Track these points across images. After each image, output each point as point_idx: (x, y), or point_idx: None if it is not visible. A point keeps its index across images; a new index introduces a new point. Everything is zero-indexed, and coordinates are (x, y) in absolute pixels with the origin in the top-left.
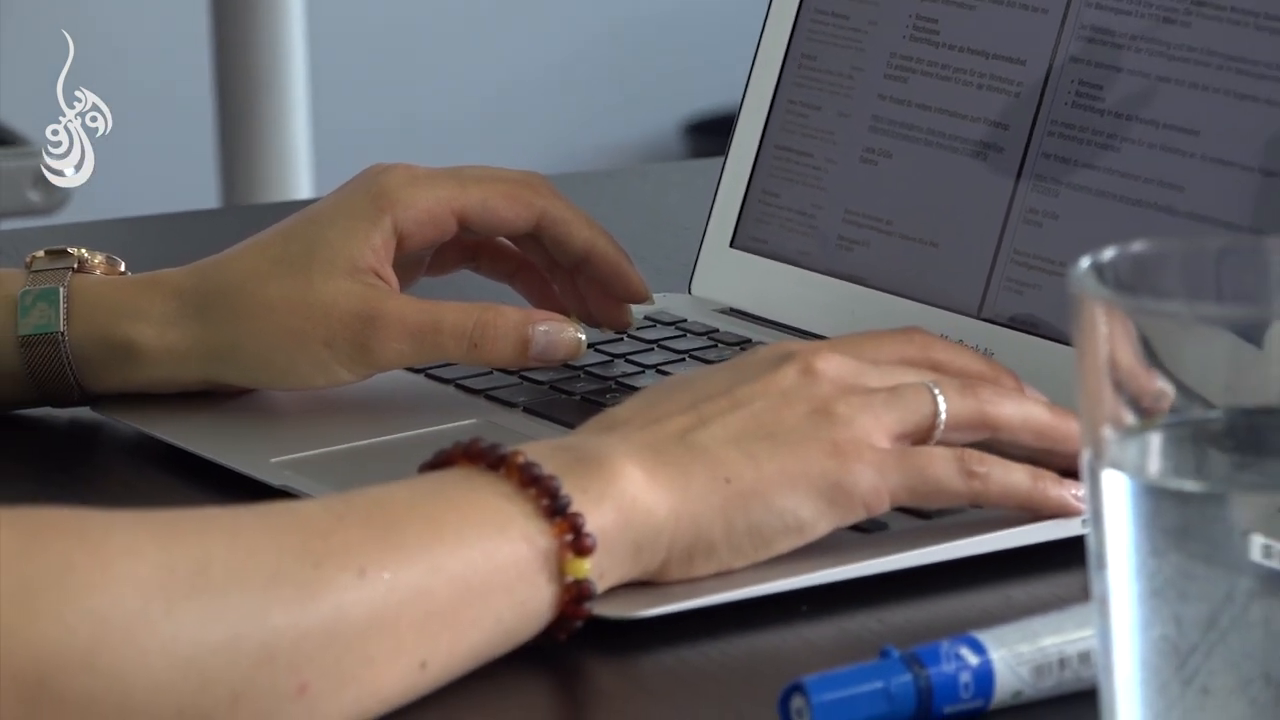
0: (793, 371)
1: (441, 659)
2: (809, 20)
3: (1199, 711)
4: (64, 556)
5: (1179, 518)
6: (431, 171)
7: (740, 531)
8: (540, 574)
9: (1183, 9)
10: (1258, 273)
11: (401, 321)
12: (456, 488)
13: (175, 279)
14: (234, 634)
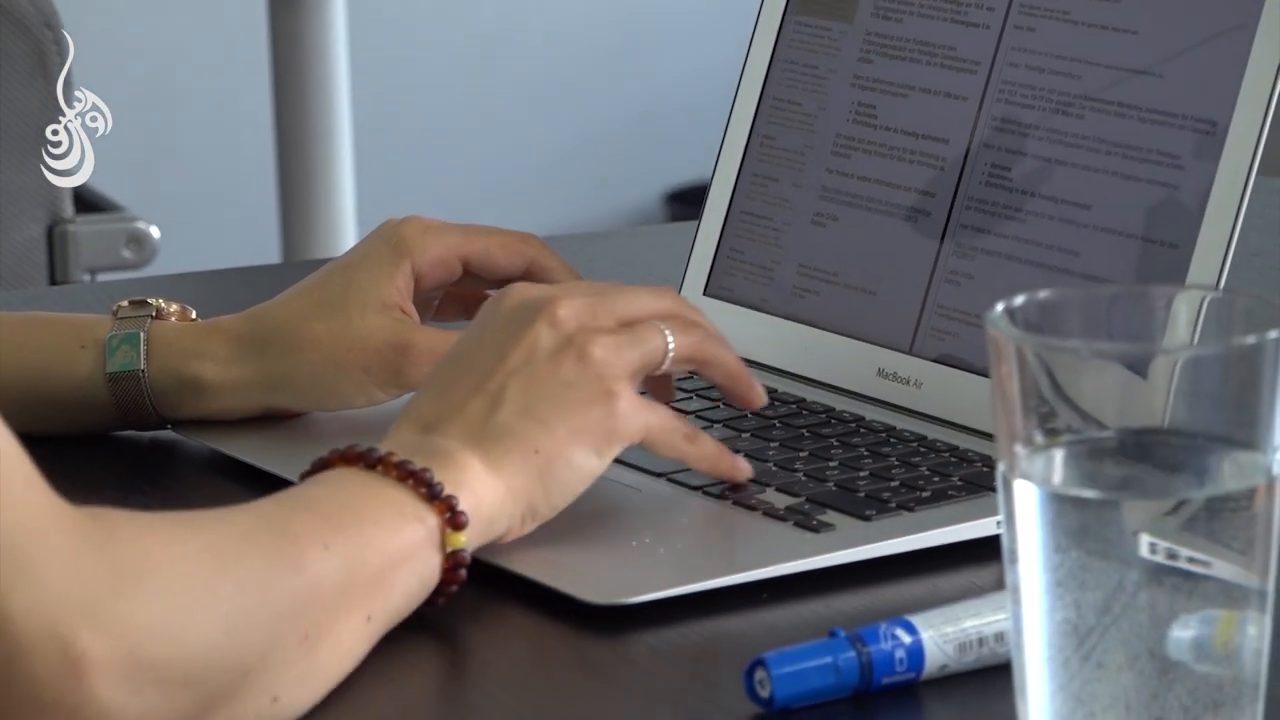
0: (544, 328)
1: (378, 615)
2: (769, 107)
3: (1095, 683)
4: (138, 543)
5: (1078, 520)
6: (441, 223)
7: (554, 491)
8: (431, 546)
9: (1077, 103)
10: (1142, 316)
11: (429, 349)
12: (355, 483)
13: (234, 324)
14: (255, 600)
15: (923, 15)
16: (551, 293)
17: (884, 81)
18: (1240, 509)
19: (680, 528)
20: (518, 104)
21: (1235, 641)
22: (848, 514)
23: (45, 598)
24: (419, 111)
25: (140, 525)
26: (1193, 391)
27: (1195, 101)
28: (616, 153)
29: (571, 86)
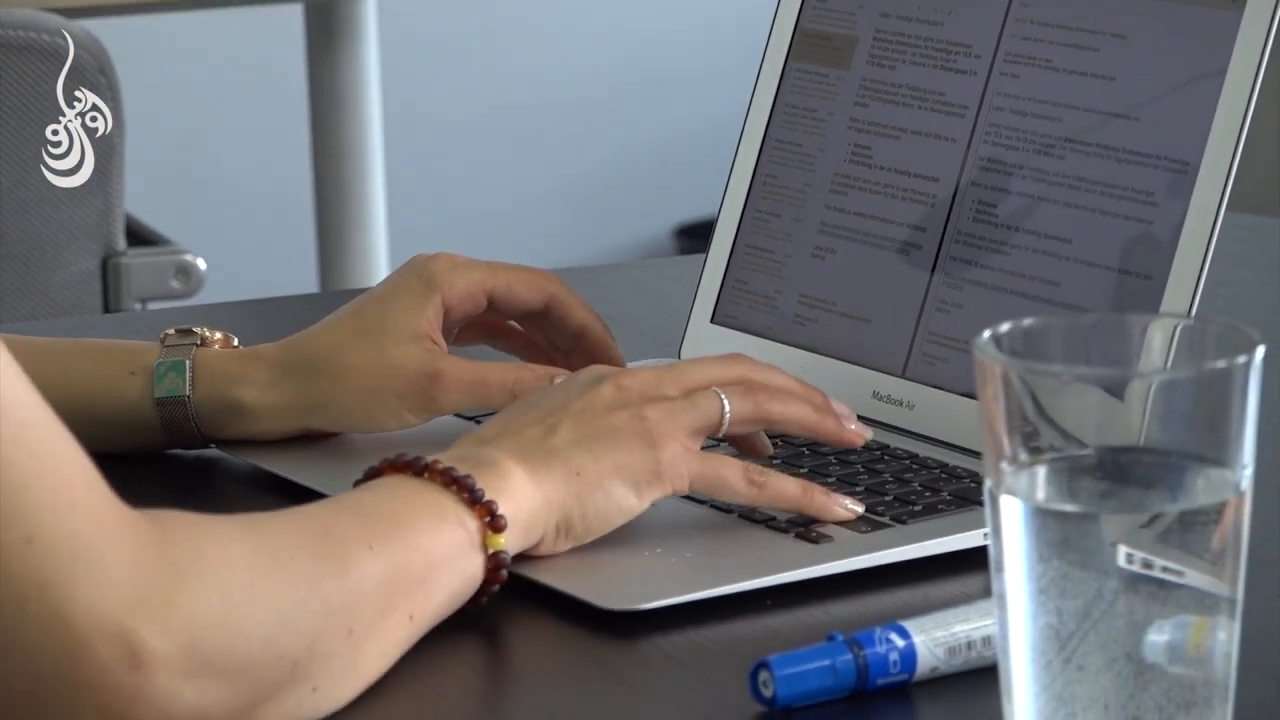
0: (609, 388)
1: (420, 613)
2: (771, 147)
3: (1076, 684)
4: (192, 543)
5: (1060, 532)
6: (468, 260)
7: (589, 514)
8: (472, 548)
9: (1058, 144)
10: (1119, 343)
11: (458, 378)
12: (401, 489)
13: (274, 351)
14: (303, 596)
15: (914, 63)
16: (622, 370)
17: (878, 124)
18: (1211, 522)
19: (690, 539)
20: (538, 143)
21: (1207, 645)
22: (845, 526)
23: (108, 594)
24: (445, 150)
25: (196, 526)
26: (1166, 412)
27: (1168, 143)
28: (629, 190)
29: (588, 128)
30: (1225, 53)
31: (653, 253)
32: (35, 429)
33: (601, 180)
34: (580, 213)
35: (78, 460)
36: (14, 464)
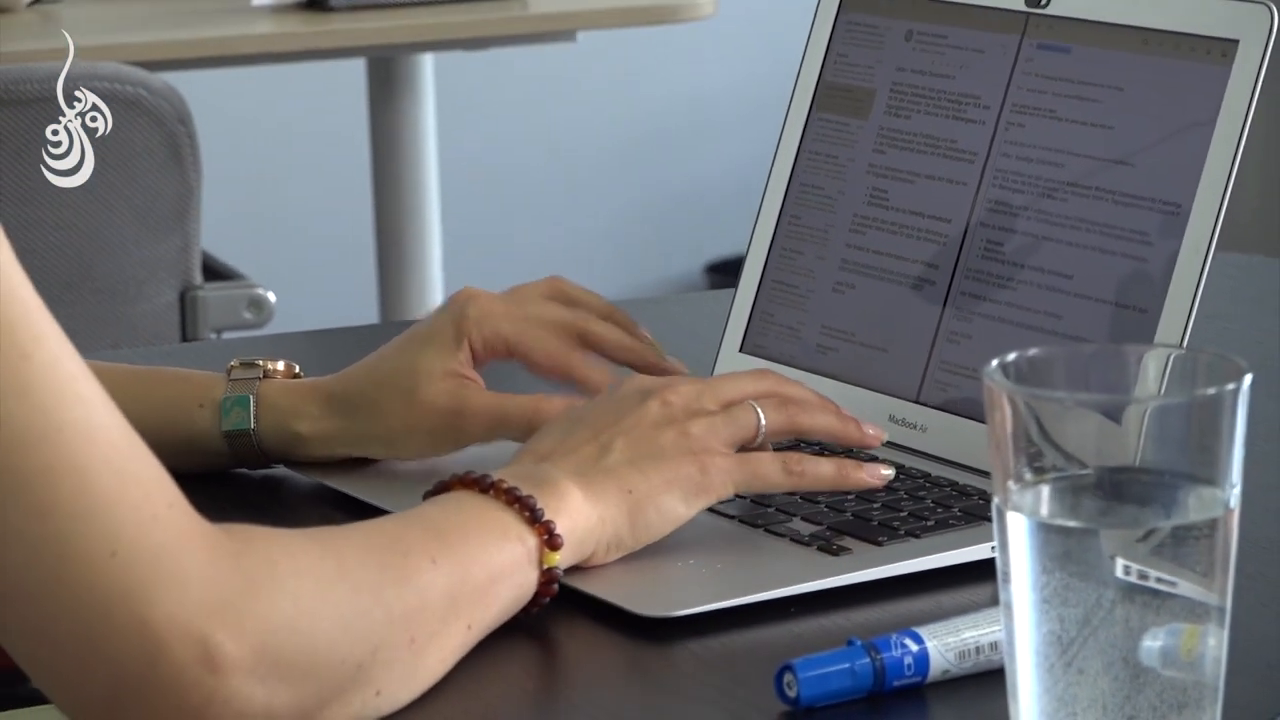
0: (655, 405)
1: (478, 623)
2: (796, 190)
3: (1077, 686)
4: (264, 555)
5: (1062, 546)
6: (503, 309)
7: (639, 527)
8: (530, 564)
9: (1060, 188)
10: (1117, 371)
11: (481, 413)
12: (467, 505)
13: (326, 385)
14: (368, 604)
15: (928, 113)
16: (666, 382)
17: (895, 169)
18: (1202, 537)
19: (719, 552)
20: (581, 187)
21: (1198, 651)
22: (863, 540)
23: (186, 603)
24: (496, 193)
25: (268, 539)
26: (1161, 435)
27: (1162, 187)
28: (665, 230)
29: (627, 173)
30: (1215, 104)
31: (686, 288)
32: (121, 451)
33: (639, 221)
34: (620, 251)
35: (160, 479)
36: (101, 483)
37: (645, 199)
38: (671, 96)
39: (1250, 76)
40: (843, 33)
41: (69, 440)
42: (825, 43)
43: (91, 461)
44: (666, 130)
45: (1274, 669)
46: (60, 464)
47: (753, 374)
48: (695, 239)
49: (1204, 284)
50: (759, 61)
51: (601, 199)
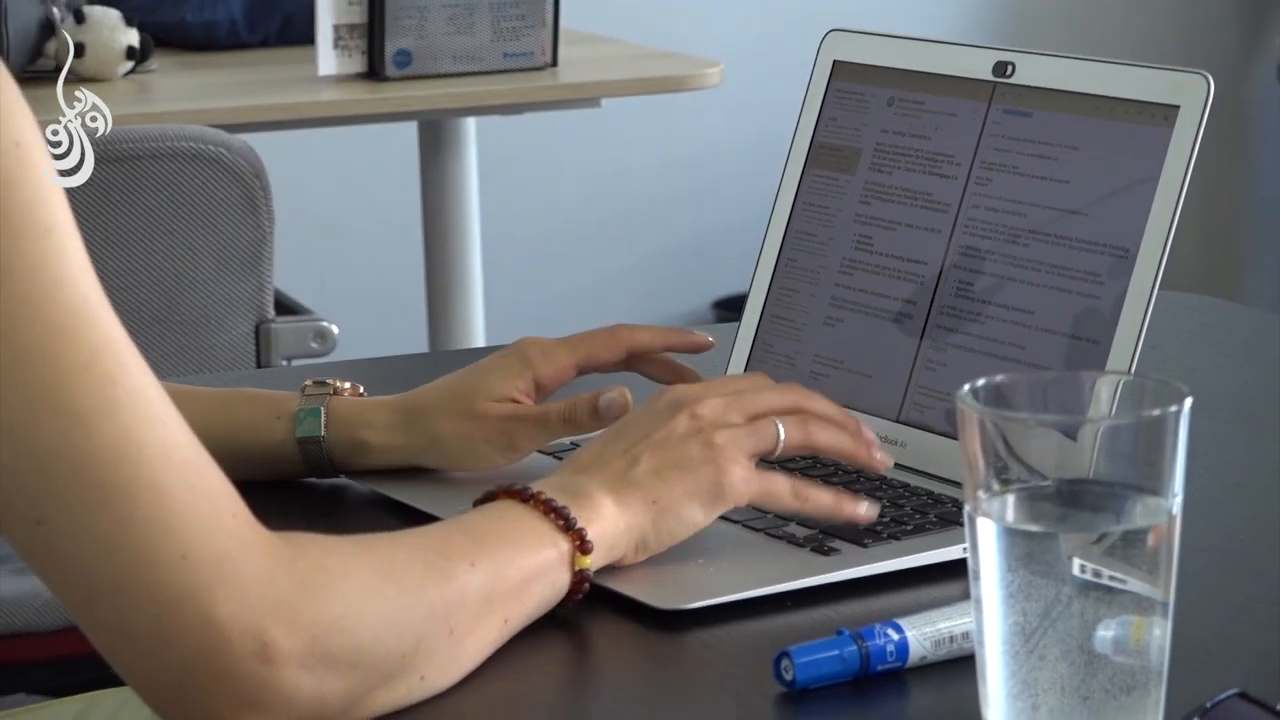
0: (684, 418)
1: (514, 618)
2: (792, 236)
3: (1039, 671)
4: (318, 560)
5: (1025, 548)
6: (555, 341)
7: (663, 532)
8: (563, 566)
9: (1023, 235)
10: (1073, 395)
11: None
12: (509, 513)
13: (393, 401)
14: (413, 601)
15: (908, 169)
16: (697, 393)
17: (878, 218)
18: (1148, 540)
19: (726, 553)
20: (604, 233)
21: (1145, 640)
22: (850, 542)
23: (246, 602)
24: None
25: (322, 545)
26: (1112, 451)
27: (1113, 234)
28: (677, 270)
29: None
30: (1158, 161)
31: (696, 321)
32: (194, 467)
33: (655, 263)
34: (638, 289)
35: (227, 492)
36: (175, 496)
37: (660, 244)
38: (683, 155)
39: (1189, 137)
40: (833, 99)
41: (148, 458)
42: (818, 108)
43: (167, 477)
44: (679, 184)
45: (1212, 656)
46: (139, 479)
47: (780, 388)
48: (704, 279)
49: (1149, 319)
50: (759, 124)
51: (622, 244)
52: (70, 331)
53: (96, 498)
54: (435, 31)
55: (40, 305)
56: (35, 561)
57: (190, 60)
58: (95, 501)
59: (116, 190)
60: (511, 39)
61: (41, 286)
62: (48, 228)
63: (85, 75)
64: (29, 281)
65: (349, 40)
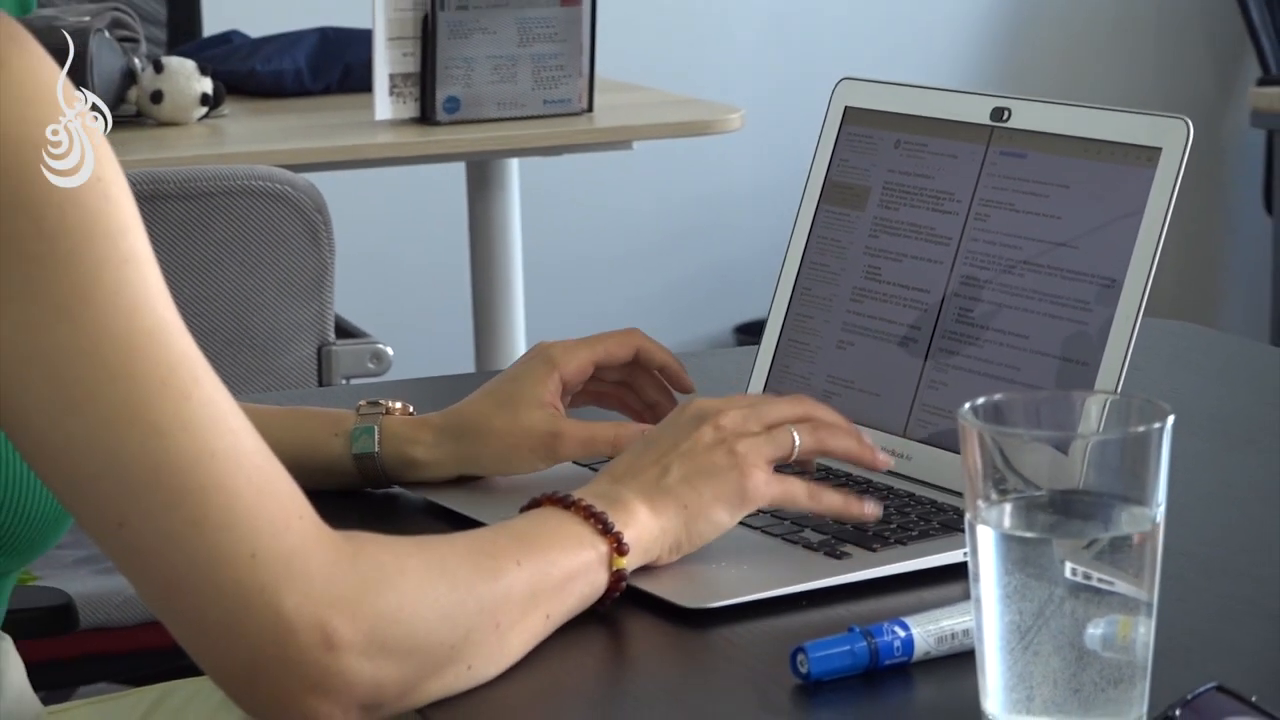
0: (708, 429)
1: (555, 614)
2: (807, 267)
3: (1033, 665)
4: (376, 558)
5: (1021, 553)
6: (574, 341)
7: (694, 535)
8: (601, 567)
9: (1018, 266)
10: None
11: (574, 436)
12: (552, 519)
13: (437, 419)
14: (463, 596)
15: (913, 206)
16: (718, 406)
17: (886, 251)
18: (1134, 545)
19: (746, 556)
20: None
21: (1131, 637)
22: (860, 546)
23: (311, 596)
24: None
25: (380, 544)
26: (1100, 464)
27: (1100, 265)
28: (701, 297)
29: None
30: (1142, 198)
31: (718, 344)
32: (263, 472)
33: (681, 291)
34: (666, 314)
35: (293, 495)
36: (245, 499)
37: (686, 273)
38: (707, 192)
39: (1171, 176)
40: (844, 142)
41: (220, 465)
42: (830, 149)
43: (237, 482)
44: (703, 219)
45: (1191, 652)
46: (212, 483)
47: (792, 400)
48: (726, 305)
49: (1134, 343)
50: (777, 165)
51: (651, 272)
52: (148, 351)
53: (172, 502)
54: (481, 80)
55: (121, 327)
56: (117, 560)
57: (259, 106)
58: (171, 506)
59: (192, 224)
60: (551, 87)
61: (122, 310)
62: (127, 257)
63: (163, 120)
64: (110, 306)
65: (403, 88)
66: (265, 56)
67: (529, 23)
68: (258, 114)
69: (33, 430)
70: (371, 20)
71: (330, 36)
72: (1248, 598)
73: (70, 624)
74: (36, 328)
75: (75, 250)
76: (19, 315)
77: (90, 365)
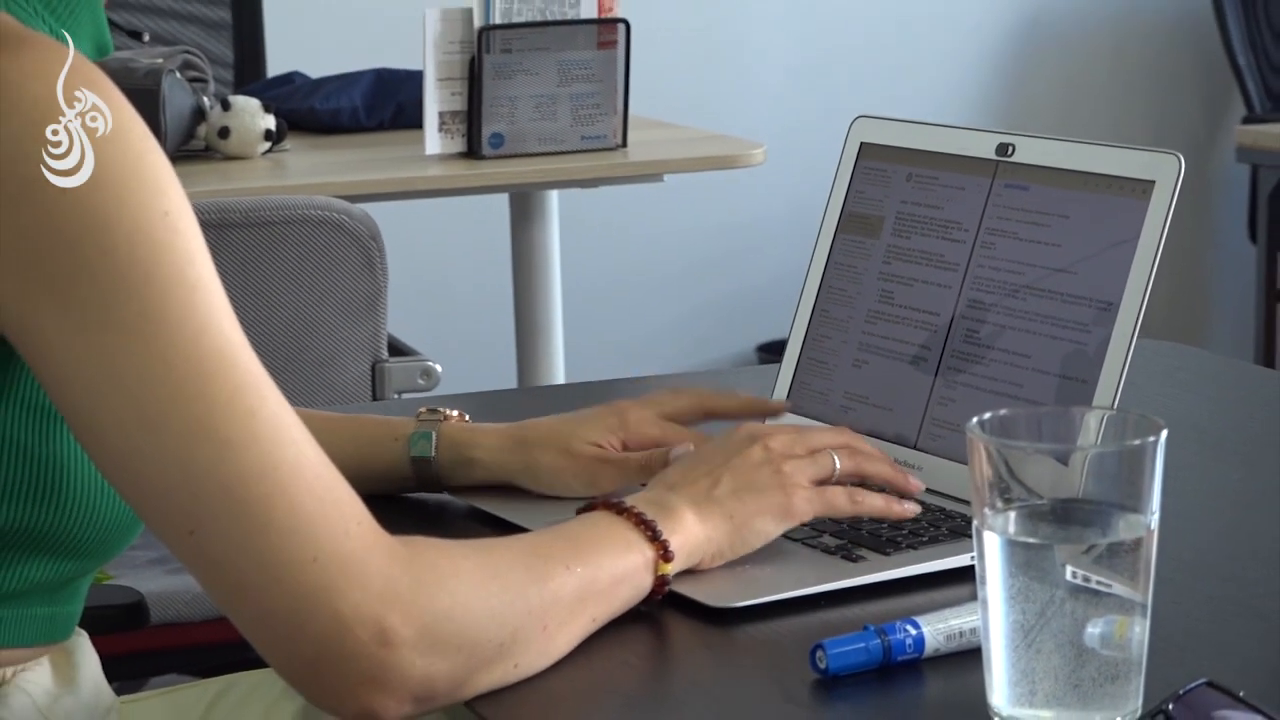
0: (758, 449)
1: (601, 616)
2: (825, 291)
3: (1035, 662)
4: (431, 560)
5: (1024, 557)
6: (651, 417)
7: (737, 544)
8: (647, 571)
9: (1021, 290)
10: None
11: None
12: (604, 523)
13: (502, 429)
14: (513, 598)
15: (924, 234)
16: (769, 430)
17: (898, 276)
18: (1130, 550)
19: (768, 559)
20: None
21: (1127, 636)
22: (874, 550)
23: (369, 596)
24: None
25: (435, 547)
26: (1098, 475)
27: (1098, 289)
28: (727, 318)
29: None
30: (1137, 228)
31: (742, 362)
32: (323, 481)
33: (708, 312)
34: (694, 334)
35: (352, 502)
36: (307, 507)
37: (713, 296)
38: (732, 221)
39: (1164, 208)
40: (860, 174)
41: (283, 476)
42: (847, 182)
43: (299, 491)
44: (728, 246)
45: (1182, 649)
46: (276, 493)
47: (833, 430)
48: (749, 326)
49: (1129, 362)
50: (797, 196)
51: (680, 296)
52: (216, 371)
53: (240, 511)
54: (524, 118)
55: (190, 350)
56: (188, 564)
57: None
58: (239, 515)
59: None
60: (588, 124)
61: (190, 334)
62: (194, 284)
63: (230, 154)
64: (179, 330)
65: (451, 125)
66: (324, 95)
67: (568, 64)
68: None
69: (109, 446)
70: (423, 62)
71: (384, 77)
72: (1236, 599)
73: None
74: (112, 351)
75: (145, 279)
76: (96, 340)
77: (162, 385)
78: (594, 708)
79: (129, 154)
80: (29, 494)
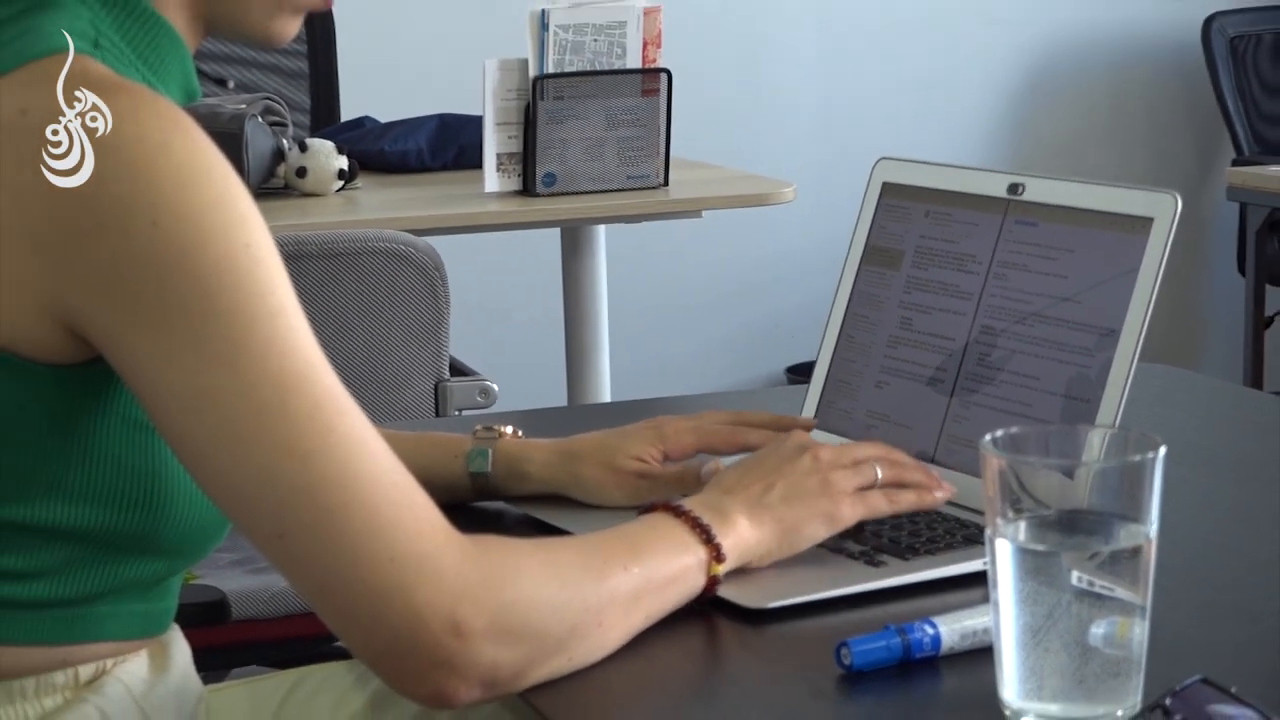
0: (807, 458)
1: (654, 613)
2: (850, 317)
3: (1043, 660)
4: (500, 556)
5: (1034, 563)
6: (686, 429)
7: (785, 546)
8: (700, 571)
9: (1030, 317)
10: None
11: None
12: (661, 525)
13: (552, 444)
14: (572, 594)
15: (940, 266)
16: (817, 442)
17: (917, 305)
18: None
19: (798, 564)
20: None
21: (1128, 636)
22: (895, 555)
23: (442, 591)
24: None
25: (502, 545)
26: (1102, 488)
27: (1101, 316)
28: (759, 343)
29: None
30: (1137, 261)
31: (773, 383)
32: (399, 487)
33: (742, 337)
34: (728, 356)
35: (426, 506)
36: (384, 512)
37: (746, 322)
38: (765, 254)
39: (1161, 242)
40: (883, 211)
41: (362, 484)
42: (871, 218)
43: (377, 497)
44: (761, 276)
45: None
46: (356, 500)
47: (873, 444)
48: (779, 350)
49: (1130, 384)
50: (824, 231)
51: (716, 321)
52: (298, 390)
53: (323, 518)
54: (574, 159)
55: (273, 371)
56: (277, 565)
57: (386, 180)
58: (322, 520)
59: (331, 279)
60: (633, 165)
61: (273, 357)
62: (276, 310)
63: (307, 191)
64: (263, 354)
65: (508, 165)
66: (392, 138)
67: (615, 110)
68: (386, 187)
69: (203, 459)
70: (482, 108)
71: (448, 122)
72: (1229, 603)
73: (224, 616)
74: (202, 374)
75: (230, 307)
76: (188, 363)
77: (249, 404)
78: (638, 699)
79: (211, 191)
80: (127, 501)
